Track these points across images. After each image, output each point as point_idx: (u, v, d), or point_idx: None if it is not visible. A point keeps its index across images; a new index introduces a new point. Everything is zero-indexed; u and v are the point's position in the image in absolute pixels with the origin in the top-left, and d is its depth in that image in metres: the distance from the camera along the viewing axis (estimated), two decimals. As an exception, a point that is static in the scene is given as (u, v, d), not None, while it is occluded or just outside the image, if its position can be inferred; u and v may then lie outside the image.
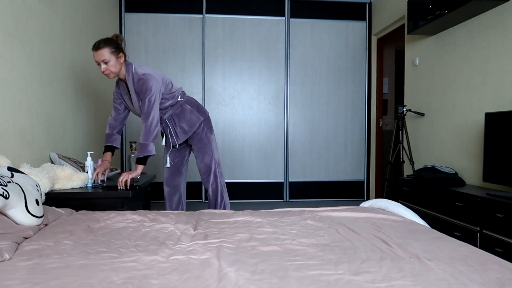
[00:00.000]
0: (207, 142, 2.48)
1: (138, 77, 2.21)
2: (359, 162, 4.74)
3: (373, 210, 1.83)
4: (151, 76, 2.21)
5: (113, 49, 2.16)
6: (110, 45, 2.15)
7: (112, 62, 2.16)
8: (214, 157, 2.51)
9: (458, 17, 2.87)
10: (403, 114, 3.51)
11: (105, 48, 2.13)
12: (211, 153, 2.50)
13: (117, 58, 2.18)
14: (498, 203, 2.15)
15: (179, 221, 1.62)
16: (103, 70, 2.16)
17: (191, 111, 2.44)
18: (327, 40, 4.63)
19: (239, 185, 4.58)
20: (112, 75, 2.21)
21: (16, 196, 1.47)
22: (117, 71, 2.21)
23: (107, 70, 2.16)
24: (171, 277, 0.98)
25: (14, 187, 1.50)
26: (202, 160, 2.50)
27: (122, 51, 2.21)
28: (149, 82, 2.19)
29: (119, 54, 2.19)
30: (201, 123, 2.46)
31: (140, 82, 2.20)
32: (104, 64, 2.15)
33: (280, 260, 1.11)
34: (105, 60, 2.14)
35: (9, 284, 0.92)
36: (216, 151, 2.54)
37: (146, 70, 2.25)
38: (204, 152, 2.49)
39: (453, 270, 1.02)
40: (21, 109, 2.20)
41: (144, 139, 2.20)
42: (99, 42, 2.15)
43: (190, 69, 4.47)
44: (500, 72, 2.61)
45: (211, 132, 2.52)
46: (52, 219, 1.63)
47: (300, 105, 4.63)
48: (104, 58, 2.13)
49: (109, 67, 2.16)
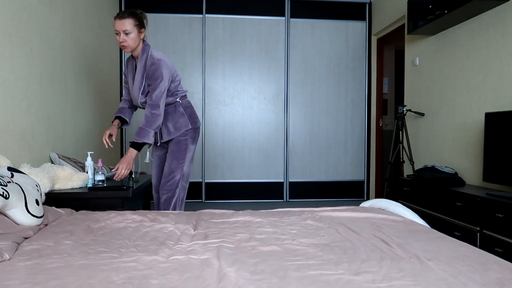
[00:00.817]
0: (183, 149, 2.33)
1: (153, 60, 2.14)
2: (359, 162, 4.74)
3: (373, 210, 1.83)
4: (165, 64, 2.15)
5: (138, 22, 2.10)
6: (135, 17, 2.09)
7: (133, 35, 2.09)
8: (183, 168, 2.34)
9: (458, 17, 2.87)
10: (403, 114, 3.51)
11: (130, 19, 2.07)
12: (181, 162, 2.33)
13: (139, 32, 2.12)
14: (498, 203, 2.15)
15: (179, 221, 1.62)
16: (122, 40, 2.09)
17: (182, 115, 2.34)
18: (327, 40, 4.63)
19: (239, 185, 4.58)
20: (129, 49, 2.13)
21: (16, 196, 1.47)
22: (135, 46, 2.14)
23: (125, 41, 2.09)
24: (171, 277, 0.98)
25: (14, 187, 1.50)
26: (169, 163, 2.33)
27: (144, 27, 2.16)
28: (163, 69, 2.13)
29: (141, 29, 2.13)
30: (188, 130, 2.34)
31: (153, 67, 2.13)
32: (125, 35, 2.08)
33: (280, 260, 1.11)
34: (127, 31, 2.07)
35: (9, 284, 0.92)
36: (188, 163, 2.37)
37: (162, 56, 2.18)
38: (174, 157, 2.32)
39: (453, 270, 1.02)
40: (21, 109, 2.20)
41: (147, 125, 2.13)
42: (124, 11, 2.09)
43: (190, 69, 4.47)
44: (500, 72, 2.61)
45: (193, 142, 2.39)
46: (52, 219, 1.63)
47: (300, 105, 4.63)
48: (126, 29, 2.06)
49: (128, 39, 2.09)
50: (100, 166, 2.27)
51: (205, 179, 4.54)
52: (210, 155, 4.53)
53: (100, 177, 2.23)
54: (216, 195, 4.56)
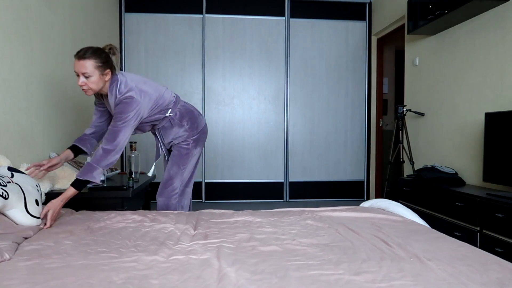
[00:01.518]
0: (185, 155, 2.19)
1: (121, 97, 1.87)
2: (359, 162, 4.74)
3: (373, 210, 1.83)
4: (134, 101, 1.88)
5: (100, 64, 1.80)
6: (97, 58, 1.79)
7: (94, 79, 1.80)
8: (183, 174, 2.20)
9: (458, 17, 2.87)
10: (403, 114, 3.51)
11: (90, 60, 1.77)
12: (182, 168, 2.19)
13: (102, 75, 1.82)
14: (498, 203, 2.15)
15: (179, 221, 1.62)
16: (81, 84, 1.80)
17: (180, 126, 2.17)
18: (327, 40, 4.63)
19: (239, 185, 4.58)
20: (91, 92, 1.85)
21: (15, 197, 1.47)
22: (98, 89, 1.86)
23: (85, 85, 1.80)
24: (171, 277, 0.98)
25: (13, 188, 1.50)
26: (169, 168, 2.20)
27: (110, 67, 1.86)
28: (130, 106, 1.86)
29: (105, 71, 1.83)
30: (190, 137, 2.21)
31: (121, 104, 1.87)
32: (84, 78, 1.79)
33: (280, 260, 1.11)
34: (86, 74, 1.78)
35: (9, 284, 0.92)
36: (191, 168, 2.24)
37: (134, 87, 1.90)
38: (175, 163, 2.19)
39: (453, 270, 1.02)
40: (21, 109, 2.20)
41: (95, 161, 1.79)
42: (85, 50, 1.79)
43: (190, 69, 4.47)
44: (500, 72, 2.61)
45: (197, 146, 2.23)
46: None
47: (300, 105, 4.63)
48: (85, 71, 1.77)
49: (89, 83, 1.80)
50: (100, 166, 2.26)
51: (205, 179, 4.54)
52: (210, 155, 4.53)
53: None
54: (216, 195, 4.56)
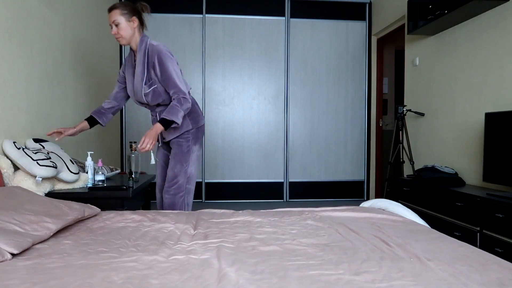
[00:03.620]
0: (186, 152, 2.24)
1: (153, 47, 2.07)
2: (359, 162, 4.74)
3: (373, 210, 1.83)
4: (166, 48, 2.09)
5: (125, 11, 2.03)
6: (124, 7, 2.03)
7: (122, 25, 2.03)
8: (187, 171, 2.25)
9: (458, 17, 2.87)
10: (403, 114, 3.51)
11: (117, 9, 2.01)
12: (185, 165, 2.24)
13: (128, 21, 2.05)
14: (498, 203, 2.15)
15: (179, 220, 1.62)
16: (114, 33, 2.05)
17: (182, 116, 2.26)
18: (327, 40, 4.63)
19: (239, 185, 4.58)
20: (123, 40, 2.07)
21: (60, 163, 2.01)
22: (128, 37, 2.07)
23: (117, 33, 2.04)
24: (171, 277, 0.98)
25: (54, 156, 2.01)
26: (173, 167, 2.24)
27: (135, 14, 2.07)
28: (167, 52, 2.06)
29: (131, 18, 2.05)
30: (189, 131, 2.26)
31: (154, 52, 2.06)
32: (115, 27, 2.04)
33: (280, 260, 1.11)
34: (115, 22, 2.02)
35: (9, 284, 0.92)
36: (193, 165, 2.29)
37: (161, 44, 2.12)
38: (178, 161, 2.24)
39: (453, 270, 1.02)
40: (21, 109, 2.20)
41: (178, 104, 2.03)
42: (115, 3, 2.05)
43: (190, 69, 4.47)
44: (500, 72, 2.61)
45: (196, 143, 2.29)
46: (88, 214, 1.62)
47: (300, 105, 4.63)
48: (114, 19, 2.02)
49: (120, 30, 2.04)
50: (100, 166, 2.27)
51: (205, 179, 4.54)
52: (210, 155, 4.53)
53: (100, 177, 2.23)
54: (216, 195, 4.56)
